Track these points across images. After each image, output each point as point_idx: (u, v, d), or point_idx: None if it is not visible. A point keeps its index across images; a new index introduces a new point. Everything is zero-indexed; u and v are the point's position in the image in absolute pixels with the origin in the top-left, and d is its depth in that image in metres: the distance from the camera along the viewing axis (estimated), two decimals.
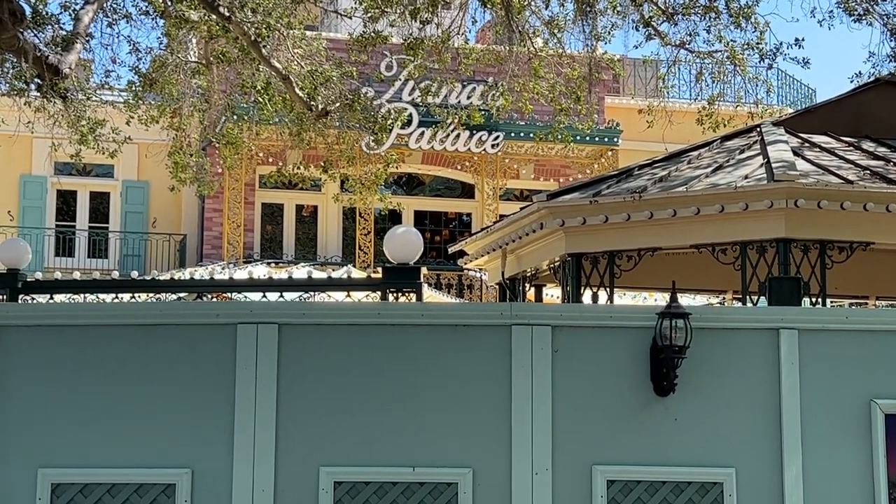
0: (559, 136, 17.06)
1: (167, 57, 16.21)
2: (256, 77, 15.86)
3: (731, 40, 14.64)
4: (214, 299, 12.40)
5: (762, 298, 9.96)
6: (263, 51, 14.42)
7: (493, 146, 27.48)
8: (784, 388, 6.81)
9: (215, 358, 6.74)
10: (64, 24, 14.03)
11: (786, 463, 6.76)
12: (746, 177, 10.45)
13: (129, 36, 16.00)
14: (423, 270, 10.60)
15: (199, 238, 28.54)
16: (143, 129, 17.09)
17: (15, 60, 13.23)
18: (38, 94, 14.20)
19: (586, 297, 11.26)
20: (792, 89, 31.11)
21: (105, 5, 14.54)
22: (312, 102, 15.46)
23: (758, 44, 14.55)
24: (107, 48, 15.32)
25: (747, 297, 10.39)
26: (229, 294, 13.20)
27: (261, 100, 15.86)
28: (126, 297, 12.08)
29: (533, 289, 13.72)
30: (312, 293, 13.77)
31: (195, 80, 16.66)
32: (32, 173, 27.77)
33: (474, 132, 26.92)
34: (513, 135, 27.38)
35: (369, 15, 15.00)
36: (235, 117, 18.37)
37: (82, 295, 11.64)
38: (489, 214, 27.11)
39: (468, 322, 6.89)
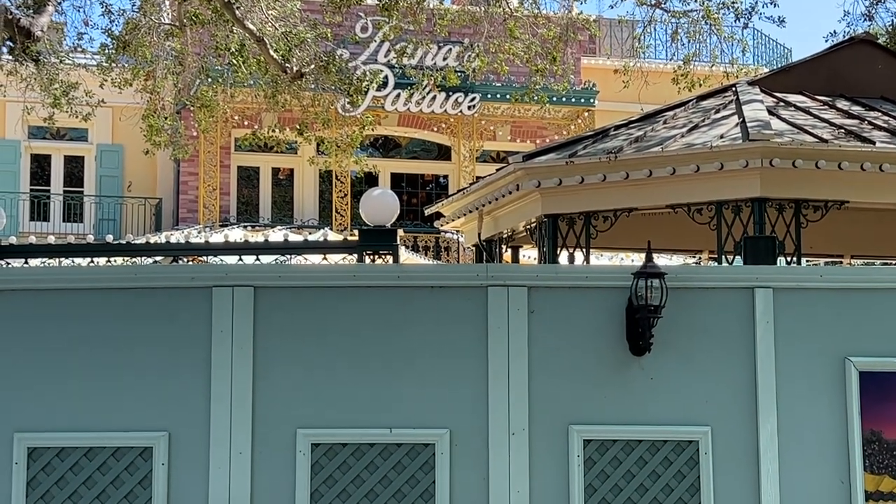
0: (535, 97, 17.06)
1: (140, 19, 16.09)
2: (230, 39, 15.76)
3: None
4: (190, 263, 12.38)
5: (738, 258, 9.99)
6: (237, 12, 14.34)
7: (469, 107, 27.43)
8: (759, 347, 6.83)
9: (191, 321, 6.72)
10: None
11: (761, 421, 6.79)
12: (722, 136, 10.46)
13: None
14: (400, 232, 10.59)
15: (174, 202, 28.44)
16: (116, 93, 16.98)
17: None
18: (10, 57, 14.09)
19: (562, 257, 11.27)
20: (767, 49, 31.13)
21: None
22: (287, 64, 15.38)
23: (733, 3, 14.54)
24: (79, 10, 15.25)
25: (723, 256, 10.42)
26: (205, 258, 13.16)
27: (235, 62, 15.77)
28: (101, 261, 12.01)
29: (509, 250, 13.72)
30: (289, 256, 13.76)
31: (169, 42, 16.55)
32: (5, 137, 27.55)
33: (450, 94, 26.88)
34: (489, 96, 27.34)
35: None
36: (210, 80, 18.26)
37: (57, 259, 11.58)
38: (466, 176, 27.08)
39: (444, 283, 6.88)
